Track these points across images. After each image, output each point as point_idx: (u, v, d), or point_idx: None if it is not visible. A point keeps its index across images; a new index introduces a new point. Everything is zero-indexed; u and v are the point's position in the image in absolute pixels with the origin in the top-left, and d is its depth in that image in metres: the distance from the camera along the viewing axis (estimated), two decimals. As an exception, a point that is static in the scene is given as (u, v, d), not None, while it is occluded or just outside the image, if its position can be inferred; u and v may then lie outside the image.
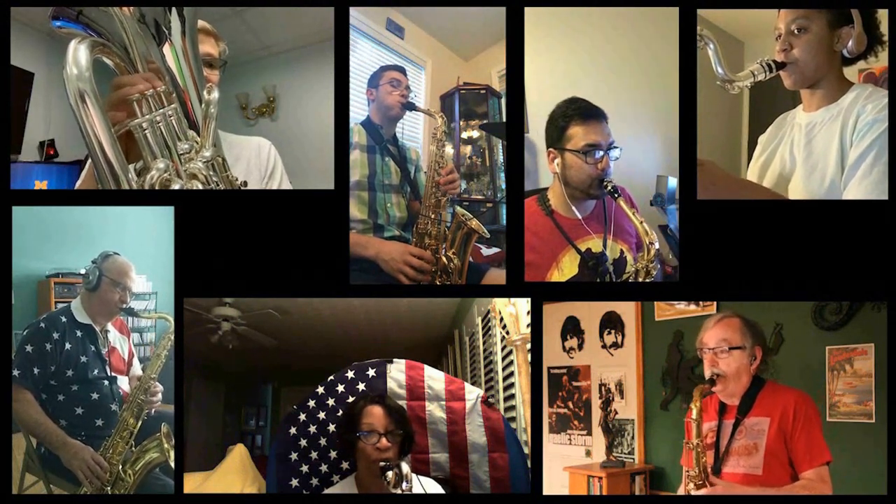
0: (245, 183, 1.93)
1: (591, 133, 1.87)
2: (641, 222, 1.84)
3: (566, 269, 1.92)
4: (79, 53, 1.43)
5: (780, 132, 1.95)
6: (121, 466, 1.98)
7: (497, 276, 2.05)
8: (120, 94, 1.49)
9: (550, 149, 1.93)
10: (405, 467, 1.64)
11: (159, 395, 2.09)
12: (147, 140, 1.51)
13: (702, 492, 1.73)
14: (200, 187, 1.55)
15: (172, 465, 1.99)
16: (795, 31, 1.80)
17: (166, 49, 1.56)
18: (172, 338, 2.04)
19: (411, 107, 2.18)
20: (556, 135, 1.91)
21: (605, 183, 1.87)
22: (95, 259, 2.08)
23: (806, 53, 1.80)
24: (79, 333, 2.07)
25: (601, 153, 1.87)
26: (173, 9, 1.54)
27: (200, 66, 1.65)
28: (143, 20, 1.53)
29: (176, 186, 1.51)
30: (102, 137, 1.43)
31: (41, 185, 2.18)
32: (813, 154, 1.83)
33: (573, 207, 1.94)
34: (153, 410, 2.07)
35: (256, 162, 2.03)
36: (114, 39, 1.53)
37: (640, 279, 1.88)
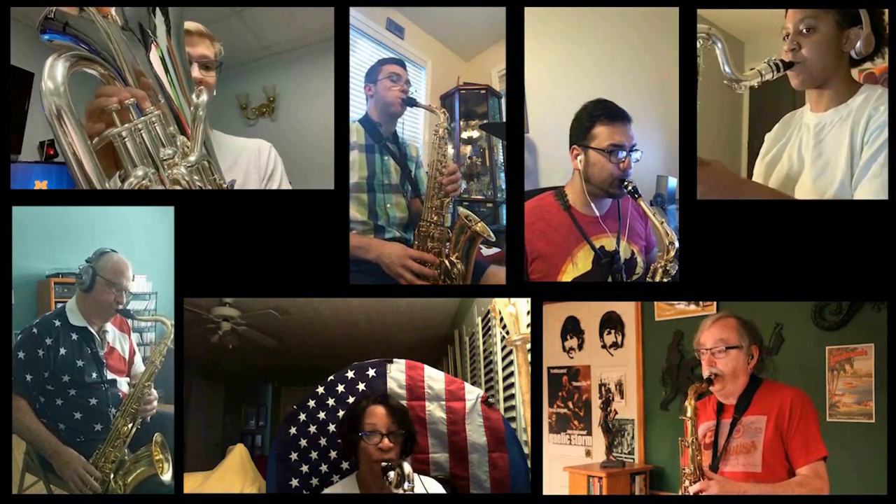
0: (233, 183, 1.94)
1: (617, 134, 1.91)
2: (662, 223, 1.87)
3: (580, 264, 1.94)
4: (55, 69, 1.44)
5: (786, 132, 1.95)
6: (112, 475, 1.96)
7: (497, 272, 2.05)
8: (97, 102, 1.50)
9: (574, 146, 1.95)
10: (407, 467, 1.64)
11: (154, 403, 2.06)
12: (127, 148, 1.51)
13: (697, 486, 1.74)
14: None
15: (163, 477, 1.97)
16: (804, 31, 1.80)
17: (153, 53, 1.56)
18: (168, 343, 2.01)
19: (412, 102, 2.14)
20: (580, 132, 1.94)
21: (625, 183, 1.90)
22: (90, 258, 2.05)
23: (814, 53, 1.80)
24: (74, 337, 2.04)
25: (624, 154, 1.90)
26: (157, 9, 1.55)
27: (188, 68, 1.65)
28: (127, 26, 1.53)
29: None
30: (80, 152, 1.45)
31: (41, 185, 2.18)
32: (823, 154, 1.83)
33: (592, 204, 1.96)
34: (149, 417, 2.05)
35: (256, 164, 2.03)
36: (102, 50, 1.53)
37: (658, 279, 1.90)
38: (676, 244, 1.87)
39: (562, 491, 2.49)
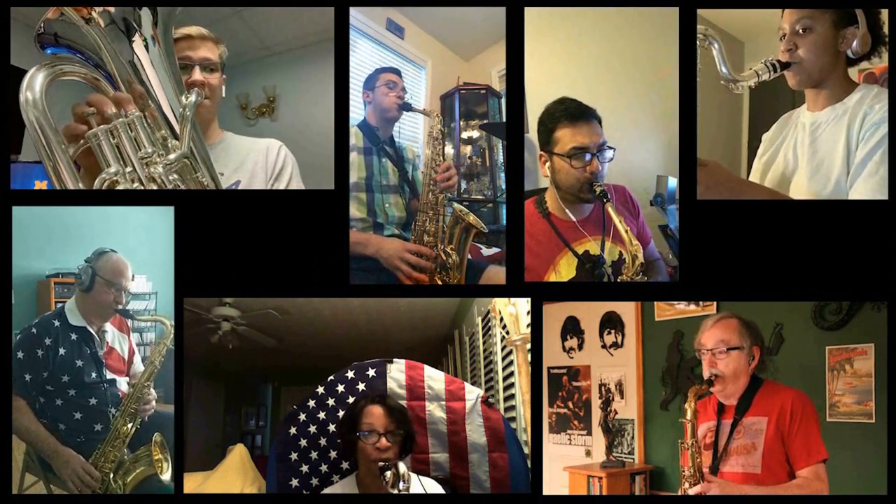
0: (238, 183, 1.95)
1: (579, 135, 1.83)
2: (627, 231, 1.80)
3: (563, 271, 1.91)
4: (34, 80, 1.48)
5: (783, 131, 1.95)
6: (112, 475, 1.96)
7: (496, 272, 2.05)
8: (80, 107, 1.53)
9: (541, 152, 1.92)
10: (402, 467, 1.64)
11: (153, 403, 2.06)
12: (101, 149, 1.53)
13: (697, 489, 1.73)
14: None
15: (163, 476, 1.97)
16: (800, 31, 1.80)
17: (137, 42, 1.57)
18: (167, 343, 2.02)
19: (408, 107, 2.19)
20: (545, 137, 1.89)
21: (594, 187, 1.83)
22: (89, 258, 2.05)
23: (811, 53, 1.80)
24: (73, 337, 2.04)
25: (589, 156, 1.83)
26: (144, 7, 1.56)
27: (176, 67, 1.66)
28: (113, 21, 1.54)
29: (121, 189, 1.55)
30: (59, 161, 1.49)
31: (41, 185, 2.18)
32: (818, 153, 1.83)
33: (567, 210, 1.93)
34: (146, 417, 2.05)
35: (263, 164, 2.04)
36: (94, 55, 1.55)
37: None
38: (641, 258, 1.80)
39: (562, 491, 2.49)
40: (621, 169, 2.04)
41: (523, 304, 2.02)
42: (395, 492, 1.62)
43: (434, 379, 2.00)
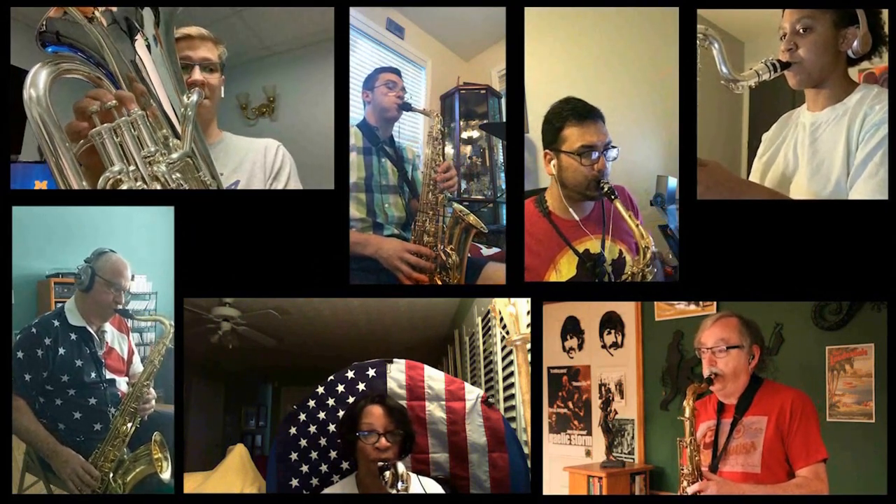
0: (237, 183, 1.95)
1: (587, 134, 1.85)
2: (638, 225, 1.82)
3: (564, 270, 1.91)
4: (38, 77, 1.49)
5: (783, 131, 1.95)
6: (112, 475, 1.96)
7: (495, 269, 2.05)
8: (82, 103, 1.53)
9: (546, 150, 1.92)
10: (401, 467, 1.64)
11: (152, 402, 2.06)
12: (105, 147, 1.53)
13: (695, 487, 1.73)
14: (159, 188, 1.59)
15: (163, 476, 1.97)
16: (800, 31, 1.80)
17: (139, 42, 1.58)
18: (167, 343, 2.02)
19: (407, 107, 2.19)
20: (551, 136, 1.90)
21: (601, 184, 1.85)
22: (89, 258, 2.05)
23: (811, 53, 1.80)
24: (73, 337, 2.04)
25: (597, 154, 1.85)
26: (146, 7, 1.57)
27: (178, 67, 1.66)
28: (115, 21, 1.55)
29: (124, 188, 1.55)
30: (63, 159, 1.50)
31: (41, 185, 2.18)
32: (818, 153, 1.83)
33: (570, 209, 1.93)
34: (146, 417, 2.05)
35: (261, 164, 2.04)
36: (96, 55, 1.56)
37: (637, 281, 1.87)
38: (653, 248, 1.82)
39: (562, 491, 2.49)
40: (622, 168, 2.04)
41: (523, 304, 2.02)
42: (395, 492, 1.63)
43: (434, 379, 2.00)
